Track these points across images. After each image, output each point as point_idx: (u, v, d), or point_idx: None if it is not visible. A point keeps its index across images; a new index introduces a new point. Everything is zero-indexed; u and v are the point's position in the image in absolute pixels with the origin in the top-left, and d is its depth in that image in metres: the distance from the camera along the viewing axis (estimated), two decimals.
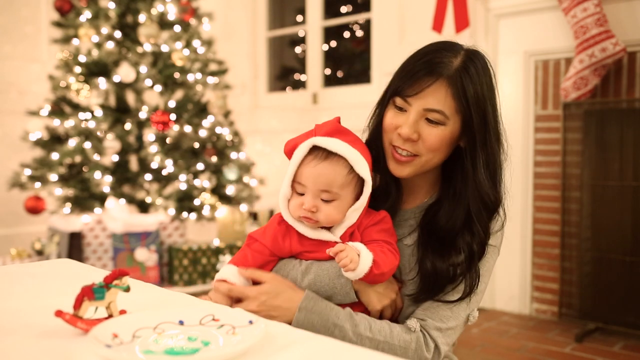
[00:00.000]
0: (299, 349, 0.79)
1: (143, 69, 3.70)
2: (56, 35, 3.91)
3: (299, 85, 4.93)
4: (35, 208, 3.60)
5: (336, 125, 1.16)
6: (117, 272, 0.89)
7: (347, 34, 4.74)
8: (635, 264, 2.90)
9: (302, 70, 4.86)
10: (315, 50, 4.67)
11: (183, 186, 3.74)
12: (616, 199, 2.97)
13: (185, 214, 3.71)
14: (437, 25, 3.38)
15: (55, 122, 3.68)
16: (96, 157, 3.59)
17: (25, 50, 4.43)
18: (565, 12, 2.99)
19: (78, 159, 3.60)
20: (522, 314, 3.37)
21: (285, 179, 1.16)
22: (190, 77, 3.84)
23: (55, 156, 3.56)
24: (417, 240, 1.22)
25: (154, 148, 3.69)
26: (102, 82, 3.64)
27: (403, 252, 1.22)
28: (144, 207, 3.79)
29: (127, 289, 0.89)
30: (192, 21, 3.98)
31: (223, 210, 3.88)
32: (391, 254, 1.14)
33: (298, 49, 5.06)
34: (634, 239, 2.91)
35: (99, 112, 3.62)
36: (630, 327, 2.89)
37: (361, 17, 4.50)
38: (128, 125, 3.72)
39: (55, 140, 3.68)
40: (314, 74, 4.66)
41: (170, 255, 3.71)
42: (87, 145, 3.56)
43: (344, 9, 4.65)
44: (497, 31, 3.41)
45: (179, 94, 3.94)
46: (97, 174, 3.56)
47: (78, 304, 0.87)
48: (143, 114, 3.71)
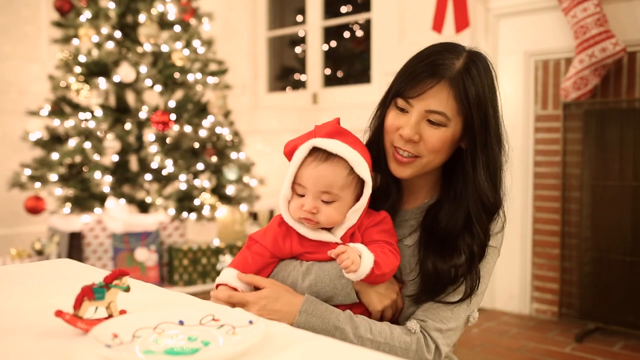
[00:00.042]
0: (299, 349, 0.79)
1: (143, 69, 3.70)
2: (56, 35, 3.91)
3: (299, 85, 4.93)
4: (35, 208, 3.60)
5: (336, 127, 1.16)
6: (117, 272, 0.89)
7: (347, 34, 4.74)
8: (635, 264, 2.90)
9: (302, 70, 4.86)
10: (315, 50, 4.66)
11: (183, 186, 3.74)
12: (616, 199, 2.97)
13: (185, 214, 3.71)
14: (437, 25, 3.38)
15: (55, 122, 3.68)
16: (96, 157, 3.59)
17: (25, 50, 4.43)
18: (565, 12, 2.99)
19: (78, 159, 3.60)
20: (522, 314, 3.37)
21: (286, 180, 1.16)
22: (190, 77, 3.84)
23: (55, 156, 3.56)
24: (418, 241, 1.22)
25: (154, 148, 3.69)
26: (102, 82, 3.64)
27: (403, 253, 1.22)
28: (144, 207, 3.79)
29: (127, 289, 0.89)
30: (192, 21, 3.98)
31: (223, 210, 3.88)
32: (392, 255, 1.14)
33: (298, 49, 5.05)
34: (634, 239, 2.91)
35: (99, 112, 3.62)
36: (630, 327, 2.89)
37: (361, 17, 4.50)
38: (128, 125, 3.72)
39: (55, 140, 3.68)
40: (314, 74, 4.66)
41: (170, 255, 3.71)
42: (87, 145, 3.56)
43: (344, 9, 4.65)
44: (497, 31, 3.41)
45: (179, 94, 3.94)
46: (97, 174, 3.56)
47: (78, 304, 0.87)
48: (143, 114, 3.71)
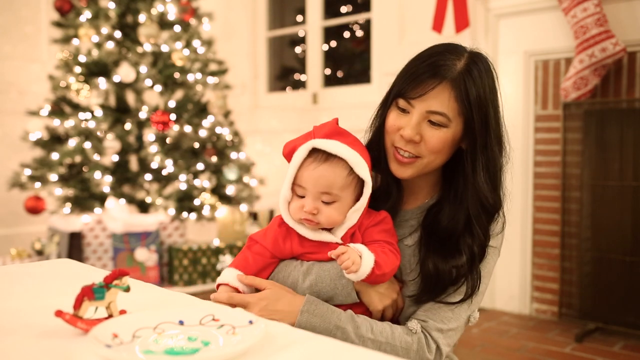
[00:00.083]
0: (299, 349, 0.79)
1: (143, 69, 3.70)
2: (56, 35, 3.91)
3: (299, 85, 4.93)
4: (35, 208, 3.60)
5: (335, 127, 1.16)
6: (117, 272, 0.89)
7: (347, 34, 4.74)
8: (635, 264, 2.90)
9: (302, 70, 4.86)
10: (315, 50, 4.66)
11: (183, 186, 3.74)
12: (616, 199, 2.97)
13: (185, 214, 3.71)
14: (437, 25, 3.38)
15: (55, 122, 3.69)
16: (96, 157, 3.59)
17: (25, 50, 4.43)
18: (565, 12, 2.99)
19: (78, 159, 3.61)
20: (522, 314, 3.37)
21: (285, 181, 1.15)
22: (190, 77, 3.84)
23: (55, 156, 3.56)
24: (419, 241, 1.22)
25: (154, 148, 3.69)
26: (102, 82, 3.64)
27: (404, 253, 1.22)
28: (144, 207, 3.79)
29: (127, 289, 0.89)
30: (192, 21, 3.98)
31: (223, 210, 3.88)
32: (392, 255, 1.14)
33: (298, 49, 5.05)
34: (634, 239, 2.91)
35: (99, 112, 3.62)
36: (630, 327, 2.89)
37: (361, 17, 4.50)
38: (128, 125, 3.72)
39: (55, 140, 3.69)
40: (314, 74, 4.66)
41: (170, 255, 3.71)
42: (87, 145, 3.56)
43: (344, 9, 4.65)
44: (497, 31, 3.41)
45: (179, 94, 3.94)
46: (97, 174, 3.56)
47: (78, 304, 0.87)
48: (143, 114, 3.71)
